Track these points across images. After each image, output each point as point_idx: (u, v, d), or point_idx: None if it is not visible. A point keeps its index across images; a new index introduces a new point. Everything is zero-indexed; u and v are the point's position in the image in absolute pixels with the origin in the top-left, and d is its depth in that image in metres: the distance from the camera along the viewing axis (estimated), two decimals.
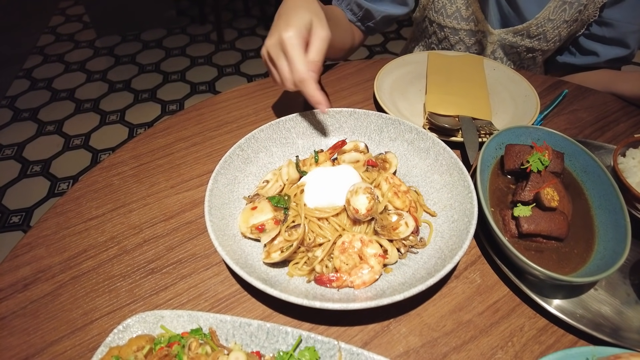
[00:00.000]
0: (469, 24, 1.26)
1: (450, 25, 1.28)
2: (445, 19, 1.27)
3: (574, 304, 0.69)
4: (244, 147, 0.85)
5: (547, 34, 1.21)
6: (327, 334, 0.66)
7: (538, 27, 1.20)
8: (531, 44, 1.25)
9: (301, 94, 0.83)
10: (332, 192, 0.75)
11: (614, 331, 0.66)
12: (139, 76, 3.46)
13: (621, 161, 0.81)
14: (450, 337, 0.65)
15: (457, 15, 1.25)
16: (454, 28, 1.28)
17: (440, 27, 1.31)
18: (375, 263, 0.67)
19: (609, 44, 1.25)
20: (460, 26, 1.27)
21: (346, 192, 0.74)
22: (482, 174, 0.79)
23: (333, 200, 0.74)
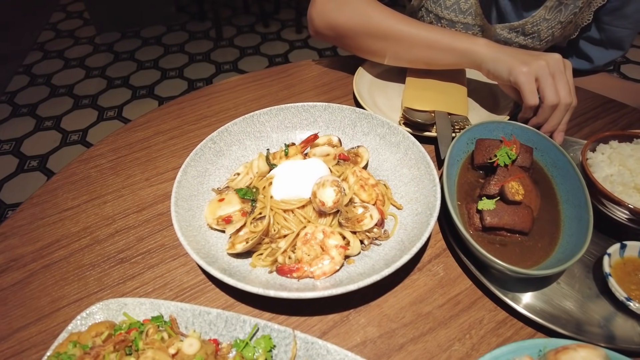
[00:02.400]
0: (467, 17, 1.26)
1: (447, 17, 1.28)
2: (443, 10, 1.27)
3: (536, 298, 0.69)
4: (216, 140, 0.86)
5: (541, 33, 1.21)
6: (287, 323, 0.67)
7: (533, 25, 1.20)
8: (525, 41, 1.25)
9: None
10: (300, 184, 0.76)
11: (574, 324, 0.66)
12: (138, 72, 3.48)
13: (590, 156, 0.81)
14: (408, 329, 0.65)
15: (455, 8, 1.25)
16: (452, 20, 1.28)
17: (438, 18, 1.31)
18: (336, 254, 0.68)
19: (605, 47, 1.25)
20: (457, 19, 1.27)
21: (313, 185, 0.74)
22: (450, 167, 0.80)
23: (300, 193, 0.75)
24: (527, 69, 0.84)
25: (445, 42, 0.95)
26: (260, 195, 0.77)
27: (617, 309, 0.69)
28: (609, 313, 0.69)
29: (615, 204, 0.73)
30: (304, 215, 0.73)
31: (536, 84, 0.85)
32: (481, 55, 0.91)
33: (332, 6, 1.06)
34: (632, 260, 0.73)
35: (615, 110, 1.08)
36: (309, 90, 1.15)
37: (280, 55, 3.70)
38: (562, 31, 1.22)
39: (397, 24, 0.99)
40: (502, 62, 0.88)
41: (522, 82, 0.84)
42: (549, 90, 0.83)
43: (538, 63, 0.84)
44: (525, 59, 0.85)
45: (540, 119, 0.87)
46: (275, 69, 1.23)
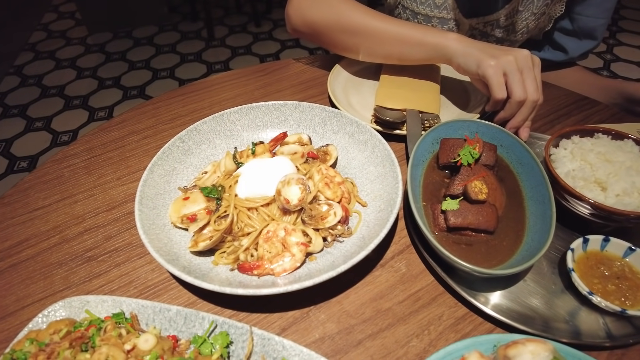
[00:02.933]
0: (442, 12, 1.27)
1: (423, 13, 1.29)
2: (419, 5, 1.27)
3: (502, 295, 0.70)
4: (184, 139, 0.86)
5: (515, 25, 1.23)
6: (248, 320, 0.67)
7: (507, 17, 1.21)
8: (500, 34, 1.27)
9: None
10: (265, 183, 0.76)
11: (537, 321, 0.66)
12: (129, 73, 3.48)
13: (553, 152, 0.81)
14: (367, 325, 0.66)
15: (430, 3, 1.26)
16: (427, 15, 1.29)
17: (414, 14, 1.31)
18: (297, 251, 0.68)
19: (579, 37, 1.27)
20: (433, 14, 1.28)
21: (277, 183, 0.75)
22: (415, 168, 0.80)
23: (264, 191, 0.76)
24: (495, 62, 0.85)
25: (417, 37, 0.96)
26: (226, 193, 0.77)
27: (582, 304, 0.70)
28: (573, 308, 0.69)
29: (576, 199, 0.73)
30: (267, 213, 0.74)
31: (504, 78, 0.85)
32: (451, 49, 0.92)
33: (308, 4, 1.07)
34: (594, 254, 0.73)
35: (588, 107, 1.09)
36: (285, 89, 1.15)
37: (272, 54, 3.70)
38: (536, 23, 1.23)
39: (369, 19, 1.00)
40: (472, 56, 0.88)
41: (489, 75, 0.85)
42: (517, 86, 0.84)
43: (506, 58, 0.84)
44: (494, 53, 0.86)
45: (506, 114, 0.88)
46: (252, 68, 1.24)
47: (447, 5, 1.24)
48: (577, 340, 0.63)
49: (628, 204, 0.71)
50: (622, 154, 0.77)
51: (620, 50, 3.66)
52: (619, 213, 0.70)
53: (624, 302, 0.66)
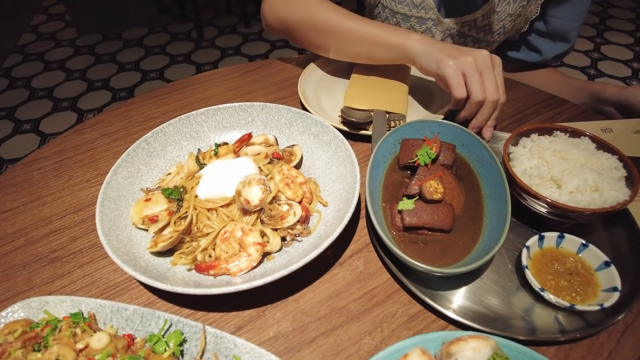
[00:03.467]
0: (420, 11, 1.28)
1: (402, 12, 1.30)
2: (397, 4, 1.29)
3: (456, 292, 0.71)
4: (150, 141, 0.87)
5: (492, 25, 1.24)
6: (205, 319, 0.68)
7: (484, 17, 1.23)
8: (477, 34, 1.28)
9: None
10: (225, 183, 0.77)
11: (491, 318, 0.68)
12: (118, 74, 3.48)
13: (512, 150, 0.82)
14: (321, 322, 0.67)
15: (409, 2, 1.27)
16: (406, 15, 1.30)
17: (393, 13, 1.32)
18: (253, 251, 0.69)
19: (553, 39, 1.28)
20: (411, 13, 1.29)
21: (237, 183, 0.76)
22: (375, 168, 0.81)
23: (225, 192, 0.76)
24: (454, 63, 0.86)
25: (381, 37, 0.97)
26: (187, 194, 0.78)
27: (536, 300, 0.71)
28: (528, 305, 0.71)
29: (532, 196, 0.74)
30: (226, 214, 0.75)
31: (464, 79, 0.86)
32: (414, 50, 0.93)
33: (281, 1, 1.10)
34: (550, 250, 0.74)
35: (556, 106, 1.10)
36: (257, 90, 1.16)
37: (261, 55, 3.71)
38: (512, 24, 1.25)
39: (338, 18, 1.01)
40: (432, 57, 0.90)
41: (448, 75, 0.87)
42: (476, 87, 0.85)
43: (465, 59, 0.86)
44: (454, 54, 0.87)
45: (466, 113, 0.89)
46: (226, 70, 1.25)
47: (425, 5, 1.25)
48: (532, 336, 0.64)
49: (580, 200, 0.72)
50: (577, 151, 0.78)
51: (608, 49, 3.68)
52: (571, 210, 0.71)
53: (575, 297, 0.68)
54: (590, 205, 0.72)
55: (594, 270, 0.71)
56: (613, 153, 0.80)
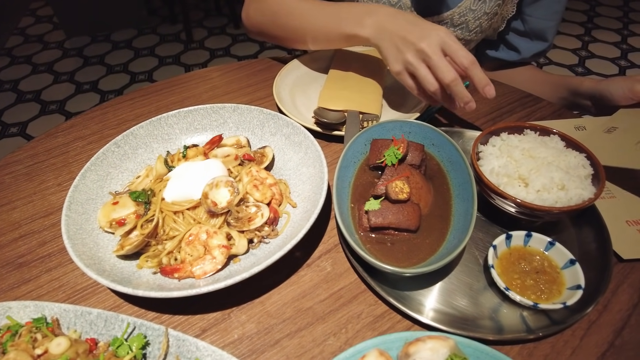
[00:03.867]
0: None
1: None
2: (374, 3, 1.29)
3: (423, 292, 0.71)
4: (120, 144, 0.86)
5: (469, 23, 1.24)
6: (170, 322, 0.68)
7: (461, 15, 1.23)
8: (454, 33, 1.28)
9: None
10: (192, 186, 0.77)
11: (457, 318, 0.68)
12: (107, 77, 3.47)
13: (482, 149, 0.83)
14: (286, 324, 0.67)
15: (385, 2, 1.27)
16: None
17: None
18: (218, 254, 0.69)
19: (531, 38, 1.29)
20: None
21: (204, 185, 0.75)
22: (345, 169, 0.81)
23: (192, 194, 0.76)
24: (398, 70, 0.90)
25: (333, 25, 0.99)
26: (155, 197, 0.78)
27: (503, 300, 0.71)
28: (495, 304, 0.71)
29: (498, 195, 0.74)
30: (193, 217, 0.74)
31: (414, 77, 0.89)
32: (366, 39, 0.95)
33: (253, 9, 1.12)
34: (517, 249, 0.74)
35: (531, 105, 1.10)
36: (234, 91, 1.16)
37: (251, 56, 3.71)
38: (489, 23, 1.25)
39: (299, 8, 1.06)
40: (382, 55, 0.93)
41: (399, 79, 0.91)
42: (426, 82, 0.87)
43: (407, 56, 0.87)
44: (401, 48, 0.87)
45: (438, 103, 0.92)
46: (201, 72, 1.24)
47: (402, 4, 1.25)
48: (499, 336, 0.64)
49: (546, 199, 0.73)
50: (545, 149, 0.78)
51: (595, 47, 3.70)
52: (538, 209, 0.71)
53: (540, 296, 0.68)
54: (556, 204, 0.72)
55: (560, 268, 0.71)
56: (581, 151, 0.80)
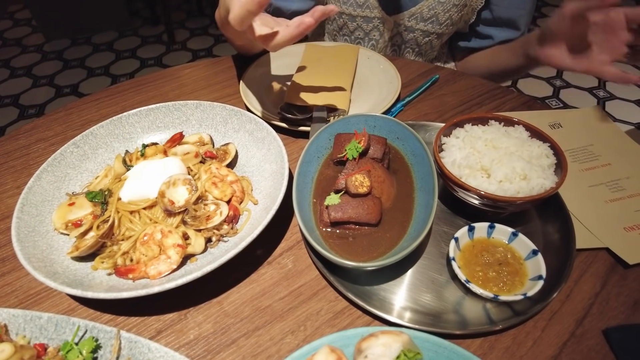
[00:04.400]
0: (365, 11, 1.27)
1: (347, 12, 1.29)
2: (342, 5, 1.28)
3: (384, 287, 0.70)
4: (79, 144, 0.84)
5: (439, 16, 1.24)
6: (125, 323, 0.66)
7: (430, 9, 1.22)
8: (425, 27, 1.27)
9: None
10: (149, 185, 0.75)
11: (417, 310, 0.67)
12: (88, 80, 3.42)
13: (445, 141, 0.82)
14: (243, 323, 0.65)
15: (352, 2, 1.26)
16: (352, 15, 1.29)
17: (339, 14, 1.32)
18: (173, 253, 0.67)
19: (501, 26, 1.28)
20: (357, 12, 1.28)
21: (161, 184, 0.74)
22: (307, 164, 0.80)
23: (148, 193, 0.74)
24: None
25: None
26: (112, 197, 0.76)
27: (466, 293, 0.70)
28: (458, 298, 0.70)
29: (459, 187, 0.74)
30: (149, 216, 0.73)
31: None
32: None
33: (217, 15, 1.10)
34: (480, 241, 0.74)
35: (500, 96, 1.10)
36: (201, 89, 1.14)
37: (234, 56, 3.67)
38: (459, 15, 1.25)
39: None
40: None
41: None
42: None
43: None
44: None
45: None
46: (170, 70, 1.22)
47: (369, 4, 1.24)
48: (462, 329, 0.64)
49: (507, 189, 0.72)
50: (508, 139, 0.78)
51: None
52: (499, 199, 0.70)
53: (502, 288, 0.67)
54: (518, 194, 0.72)
55: (524, 259, 0.71)
56: (545, 141, 0.79)
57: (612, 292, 0.69)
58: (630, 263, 0.71)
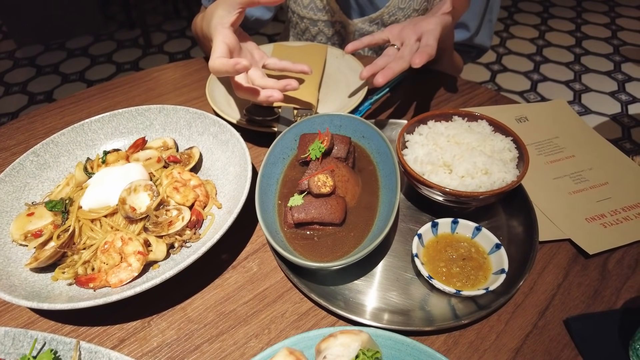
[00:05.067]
0: (326, 15, 1.27)
1: (308, 16, 1.29)
2: (302, 9, 1.28)
3: (349, 286, 0.70)
4: (39, 152, 0.83)
5: (400, 22, 1.24)
6: (87, 334, 0.65)
7: (390, 15, 1.23)
8: None
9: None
10: (110, 192, 0.74)
11: (381, 308, 0.67)
12: (62, 86, 3.36)
13: (409, 138, 0.82)
14: (207, 329, 0.65)
15: (312, 6, 1.26)
16: (312, 19, 1.29)
17: (300, 18, 1.32)
18: (134, 261, 0.66)
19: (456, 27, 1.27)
20: (317, 17, 1.28)
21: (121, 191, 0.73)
22: (271, 165, 0.79)
23: (109, 200, 0.73)
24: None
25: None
26: (73, 206, 0.75)
27: (431, 290, 0.70)
28: (423, 294, 0.70)
29: (420, 183, 0.74)
30: (110, 224, 0.72)
31: None
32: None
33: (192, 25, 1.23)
34: (444, 237, 0.74)
35: (468, 92, 1.11)
36: (168, 92, 1.13)
37: None
38: None
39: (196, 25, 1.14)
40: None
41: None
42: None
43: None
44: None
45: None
46: (137, 75, 1.21)
47: (329, 8, 1.24)
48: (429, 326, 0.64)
49: (469, 184, 0.72)
50: (470, 135, 0.78)
51: (551, 35, 3.80)
52: (461, 194, 0.71)
53: (466, 283, 0.67)
54: (479, 189, 0.72)
55: (487, 253, 0.71)
56: (507, 135, 0.80)
57: (573, 282, 0.70)
58: (591, 253, 0.73)
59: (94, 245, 0.69)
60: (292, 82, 0.82)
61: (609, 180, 0.86)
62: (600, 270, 0.72)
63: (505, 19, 4.07)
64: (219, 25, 0.82)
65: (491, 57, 3.54)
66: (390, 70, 0.83)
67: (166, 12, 4.38)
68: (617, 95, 3.08)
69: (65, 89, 3.33)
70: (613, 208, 0.80)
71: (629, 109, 2.95)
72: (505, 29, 3.93)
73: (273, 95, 0.81)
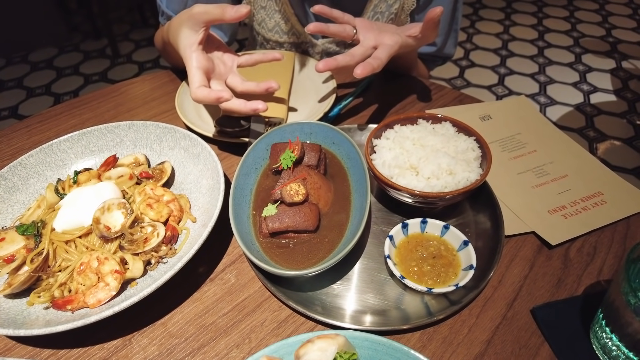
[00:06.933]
0: (291, 37, 1.27)
1: (273, 39, 1.28)
2: (267, 32, 1.27)
3: (326, 290, 0.72)
4: (6, 176, 0.82)
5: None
6: (67, 356, 0.65)
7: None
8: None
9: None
10: (83, 212, 0.74)
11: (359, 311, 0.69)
12: (28, 101, 3.28)
13: (376, 143, 0.84)
14: (188, 342, 0.66)
15: (277, 30, 1.26)
16: (278, 41, 1.29)
17: (266, 40, 1.31)
18: (111, 280, 0.67)
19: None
20: (283, 39, 1.28)
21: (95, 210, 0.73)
22: (244, 176, 0.80)
23: (83, 221, 0.73)
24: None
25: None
26: (45, 229, 0.74)
27: (404, 289, 0.73)
28: (398, 294, 0.72)
29: (389, 186, 0.76)
30: (85, 245, 0.72)
31: None
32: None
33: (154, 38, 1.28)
34: (415, 237, 0.77)
35: (434, 93, 1.14)
36: (138, 107, 1.13)
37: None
38: None
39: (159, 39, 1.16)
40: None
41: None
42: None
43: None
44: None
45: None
46: (105, 90, 1.20)
47: (294, 31, 1.24)
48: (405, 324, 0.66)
49: (435, 185, 0.75)
50: (434, 137, 0.81)
51: (515, 30, 3.91)
52: (428, 195, 0.73)
53: (437, 280, 0.70)
54: (445, 189, 0.75)
55: (456, 250, 0.74)
56: (470, 135, 0.83)
57: (538, 272, 0.74)
58: (553, 244, 0.76)
59: (69, 267, 0.69)
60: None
61: (569, 172, 0.91)
62: (563, 260, 0.75)
63: (471, 15, 4.16)
64: (187, 48, 0.83)
65: (459, 53, 3.62)
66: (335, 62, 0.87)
67: (133, 20, 4.32)
68: (579, 86, 3.19)
69: (32, 104, 3.25)
70: (573, 199, 0.85)
71: (590, 98, 3.07)
72: (471, 25, 4.02)
73: (258, 107, 0.84)
